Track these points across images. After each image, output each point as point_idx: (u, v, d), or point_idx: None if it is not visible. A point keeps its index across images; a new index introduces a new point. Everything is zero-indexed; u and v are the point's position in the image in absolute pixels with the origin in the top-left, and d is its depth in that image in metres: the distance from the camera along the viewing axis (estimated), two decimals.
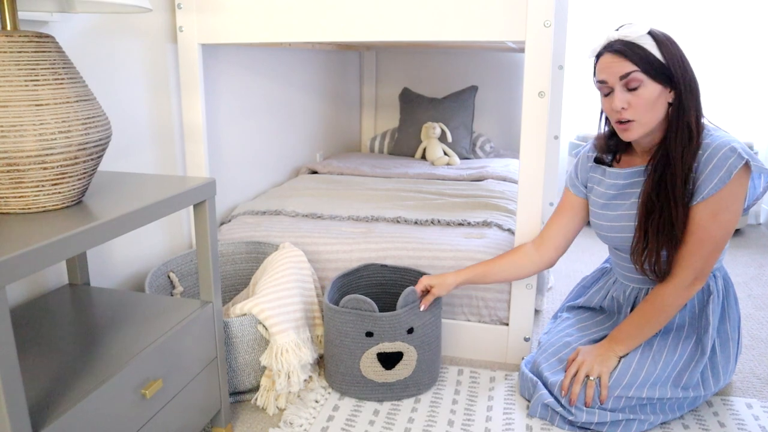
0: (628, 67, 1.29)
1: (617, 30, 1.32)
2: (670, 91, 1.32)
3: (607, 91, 1.35)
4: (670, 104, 1.33)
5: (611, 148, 1.48)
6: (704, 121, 1.34)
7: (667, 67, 1.29)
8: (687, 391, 1.40)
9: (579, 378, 1.39)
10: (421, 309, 1.49)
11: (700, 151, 1.31)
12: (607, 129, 1.48)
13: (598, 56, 1.36)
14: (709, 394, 1.44)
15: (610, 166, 1.49)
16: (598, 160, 1.52)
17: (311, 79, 2.89)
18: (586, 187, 1.57)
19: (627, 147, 1.48)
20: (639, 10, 3.17)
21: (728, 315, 1.47)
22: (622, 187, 1.45)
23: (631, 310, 1.50)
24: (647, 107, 1.30)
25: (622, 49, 1.29)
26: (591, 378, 1.38)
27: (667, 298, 1.37)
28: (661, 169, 1.33)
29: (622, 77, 1.30)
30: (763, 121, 3.19)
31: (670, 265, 1.37)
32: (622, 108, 1.31)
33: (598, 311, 1.61)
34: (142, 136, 1.68)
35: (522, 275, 1.59)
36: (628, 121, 1.32)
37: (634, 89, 1.30)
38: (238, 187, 2.24)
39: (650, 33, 1.30)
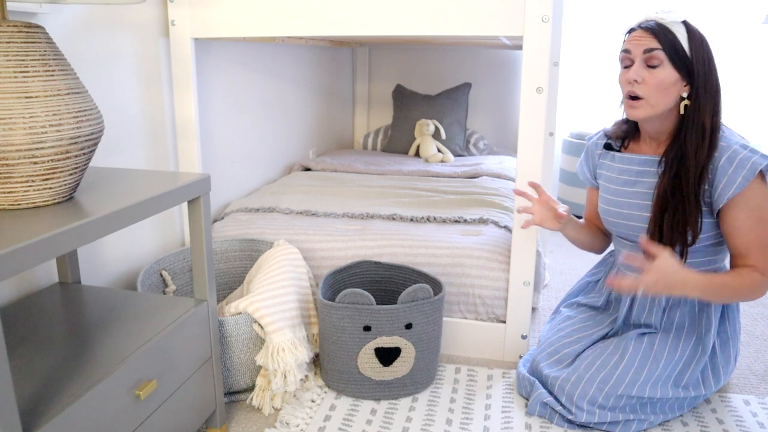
0: (653, 44, 1.32)
1: (656, 12, 1.35)
2: (685, 85, 1.34)
3: (627, 63, 1.37)
4: (683, 98, 1.34)
5: (622, 133, 1.51)
6: (722, 124, 1.35)
7: (690, 60, 1.32)
8: (687, 390, 1.39)
9: (632, 285, 1.26)
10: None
11: (717, 154, 1.31)
12: (624, 116, 1.50)
13: (630, 31, 1.39)
14: (709, 394, 1.43)
15: (619, 151, 1.50)
16: (607, 146, 1.54)
17: (304, 76, 2.86)
18: (596, 177, 1.58)
19: (636, 133, 1.50)
20: (637, 5, 3.17)
21: (728, 315, 1.46)
22: (636, 174, 1.45)
23: (632, 303, 1.49)
24: (659, 89, 1.33)
25: (654, 27, 1.33)
26: (639, 292, 1.31)
27: (758, 285, 1.31)
28: (676, 166, 1.35)
29: (645, 51, 1.33)
30: (760, 119, 3.20)
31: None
32: (635, 80, 1.34)
33: (598, 308, 1.60)
34: (134, 132, 1.64)
35: (593, 248, 1.66)
36: (638, 97, 1.35)
37: (653, 67, 1.32)
38: (231, 184, 2.21)
39: (685, 24, 1.34)
